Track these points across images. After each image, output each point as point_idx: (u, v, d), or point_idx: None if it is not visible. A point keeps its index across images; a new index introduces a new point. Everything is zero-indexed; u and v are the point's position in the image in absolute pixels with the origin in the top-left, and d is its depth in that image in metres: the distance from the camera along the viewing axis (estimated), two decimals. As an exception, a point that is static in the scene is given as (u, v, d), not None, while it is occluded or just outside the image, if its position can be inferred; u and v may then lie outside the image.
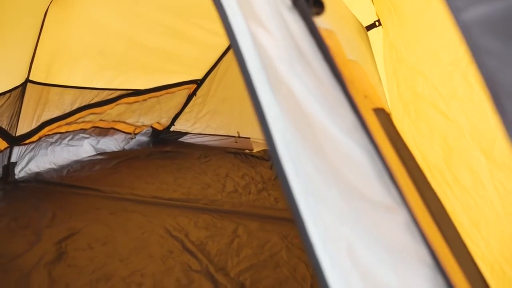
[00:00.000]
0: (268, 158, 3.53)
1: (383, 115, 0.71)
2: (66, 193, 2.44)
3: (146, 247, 1.88)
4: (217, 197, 2.56)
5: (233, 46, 0.52)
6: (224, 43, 3.51)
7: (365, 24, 1.60)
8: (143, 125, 3.69)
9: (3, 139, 2.32)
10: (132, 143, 3.72)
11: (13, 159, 2.54)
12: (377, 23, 1.56)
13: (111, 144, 3.46)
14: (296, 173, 0.44)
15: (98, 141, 3.33)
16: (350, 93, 0.50)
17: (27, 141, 2.57)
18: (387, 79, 1.31)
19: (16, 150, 2.55)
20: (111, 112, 3.22)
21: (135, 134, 3.67)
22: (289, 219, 2.27)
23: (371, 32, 1.60)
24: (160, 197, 2.47)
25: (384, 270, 0.41)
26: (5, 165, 2.47)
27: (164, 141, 3.95)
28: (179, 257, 1.81)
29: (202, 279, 1.64)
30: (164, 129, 4.01)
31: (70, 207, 2.24)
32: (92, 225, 2.05)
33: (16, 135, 2.48)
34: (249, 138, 3.98)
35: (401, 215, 0.42)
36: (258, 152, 3.68)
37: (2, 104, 2.17)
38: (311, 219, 0.43)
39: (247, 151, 3.72)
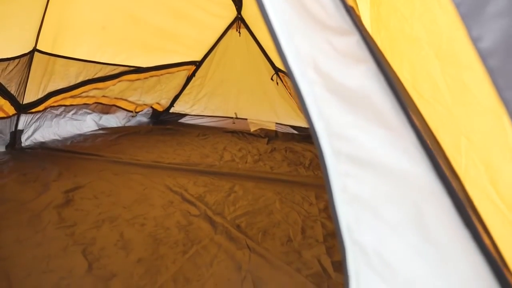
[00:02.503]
0: (265, 135, 3.67)
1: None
2: (71, 157, 2.55)
3: (148, 199, 1.99)
4: (215, 164, 2.68)
5: None
6: (223, 25, 3.65)
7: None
8: (144, 104, 3.81)
9: (12, 104, 2.43)
10: (133, 122, 3.84)
11: (20, 127, 2.66)
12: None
13: (112, 121, 3.58)
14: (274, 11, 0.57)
15: (100, 118, 3.45)
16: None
17: (33, 110, 2.68)
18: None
19: (23, 119, 2.67)
20: (114, 89, 3.34)
21: (136, 112, 3.79)
22: (283, 180, 2.40)
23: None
24: (160, 162, 2.59)
25: (340, 75, 0.54)
26: (12, 132, 2.59)
27: (164, 122, 4.07)
28: (179, 205, 1.93)
29: (201, 221, 1.76)
30: (164, 110, 4.13)
31: (75, 167, 2.35)
32: (96, 181, 2.17)
33: (23, 103, 2.59)
34: (246, 119, 4.11)
35: (355, 36, 0.55)
36: (255, 131, 3.81)
37: (12, 69, 2.29)
38: (287, 48, 0.56)
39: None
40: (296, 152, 3.14)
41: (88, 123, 3.32)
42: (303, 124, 3.88)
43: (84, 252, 1.43)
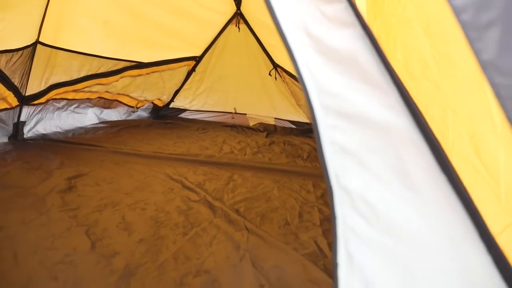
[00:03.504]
0: (263, 130, 3.71)
1: None
2: (72, 148, 2.59)
3: (148, 186, 2.04)
4: (215, 155, 2.72)
5: None
6: (222, 20, 3.70)
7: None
8: (145, 100, 3.85)
9: (15, 95, 2.48)
10: (133, 116, 3.88)
11: (22, 119, 2.70)
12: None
13: (113, 115, 3.62)
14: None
15: (102, 112, 3.49)
16: None
17: (35, 102, 2.72)
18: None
19: (25, 111, 2.71)
20: (117, 85, 3.38)
21: (137, 107, 3.84)
22: (281, 170, 2.44)
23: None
24: (161, 153, 2.64)
25: (329, 38, 0.58)
26: (15, 123, 2.63)
27: (164, 117, 4.11)
28: (179, 192, 1.97)
29: (201, 206, 1.81)
30: (164, 105, 4.18)
31: (77, 157, 2.40)
32: (98, 170, 2.21)
33: (25, 95, 2.64)
34: (245, 114, 4.16)
35: (343, 3, 0.59)
36: (254, 125, 3.86)
37: (16, 61, 2.34)
38: (280, 14, 0.61)
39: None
40: (294, 145, 3.19)
41: (89, 117, 3.36)
42: (301, 119, 3.93)
43: (87, 233, 1.47)
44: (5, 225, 1.47)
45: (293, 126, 3.91)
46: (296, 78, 2.76)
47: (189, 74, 4.01)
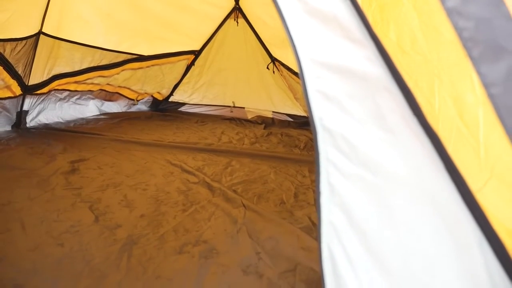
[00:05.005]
0: (261, 122, 3.78)
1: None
2: (74, 136, 2.65)
3: (149, 170, 2.10)
4: (213, 143, 2.79)
5: None
6: (221, 14, 3.77)
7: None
8: (146, 93, 3.91)
9: (18, 84, 2.54)
10: (133, 109, 3.94)
11: (25, 108, 2.76)
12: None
13: (114, 107, 3.68)
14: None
15: (103, 104, 3.55)
16: None
17: (38, 92, 2.78)
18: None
19: (28, 100, 2.77)
20: (118, 78, 3.44)
21: (138, 100, 3.90)
22: (278, 157, 2.51)
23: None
24: (160, 141, 2.70)
25: (314, 0, 0.65)
26: (18, 112, 2.69)
27: (163, 110, 4.18)
28: (178, 175, 2.04)
29: (199, 187, 1.88)
30: (163, 99, 4.24)
31: (79, 144, 2.46)
32: (99, 156, 2.27)
33: (28, 84, 2.70)
34: (243, 107, 4.23)
35: None
36: (252, 118, 3.93)
37: (20, 50, 2.40)
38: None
39: (242, 119, 3.96)
40: (291, 136, 3.26)
41: (90, 108, 3.43)
42: (298, 112, 4.01)
43: (91, 208, 1.54)
44: (12, 200, 1.53)
45: (291, 119, 3.98)
46: (294, 71, 2.85)
47: (188, 68, 4.07)
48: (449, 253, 0.52)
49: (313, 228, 1.47)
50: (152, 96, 4.09)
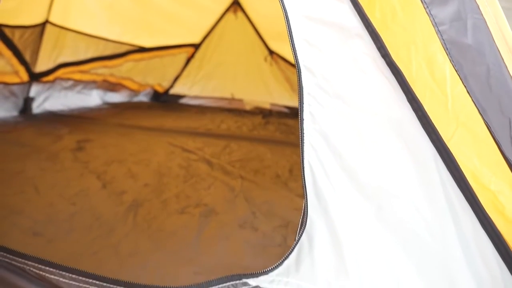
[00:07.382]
0: (259, 112, 3.89)
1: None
2: (79, 121, 2.76)
3: (151, 150, 2.21)
4: (213, 128, 2.90)
5: None
6: (221, 7, 3.89)
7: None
8: (147, 85, 4.03)
9: (26, 71, 2.65)
10: (134, 100, 4.05)
11: (31, 95, 2.87)
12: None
13: (116, 98, 3.79)
14: None
15: (106, 94, 3.66)
16: None
17: (44, 79, 2.89)
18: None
19: (34, 88, 2.87)
20: (121, 69, 3.56)
21: (139, 92, 4.01)
22: (276, 141, 2.62)
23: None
24: (162, 126, 2.82)
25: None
26: (25, 98, 2.80)
27: (164, 101, 4.28)
28: (179, 154, 2.15)
29: (199, 163, 1.99)
30: (163, 92, 4.35)
31: (83, 128, 2.57)
32: (104, 137, 2.38)
33: (35, 72, 2.80)
34: (242, 99, 4.34)
35: None
36: (250, 109, 4.04)
37: (28, 37, 2.51)
38: None
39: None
40: (289, 126, 3.36)
41: (93, 98, 3.52)
42: (296, 104, 4.10)
43: (98, 178, 1.65)
44: (24, 170, 1.63)
45: (288, 111, 4.09)
46: (291, 63, 2.99)
47: (188, 61, 4.18)
48: (409, 167, 0.63)
49: (306, 196, 1.58)
50: (153, 88, 4.20)
